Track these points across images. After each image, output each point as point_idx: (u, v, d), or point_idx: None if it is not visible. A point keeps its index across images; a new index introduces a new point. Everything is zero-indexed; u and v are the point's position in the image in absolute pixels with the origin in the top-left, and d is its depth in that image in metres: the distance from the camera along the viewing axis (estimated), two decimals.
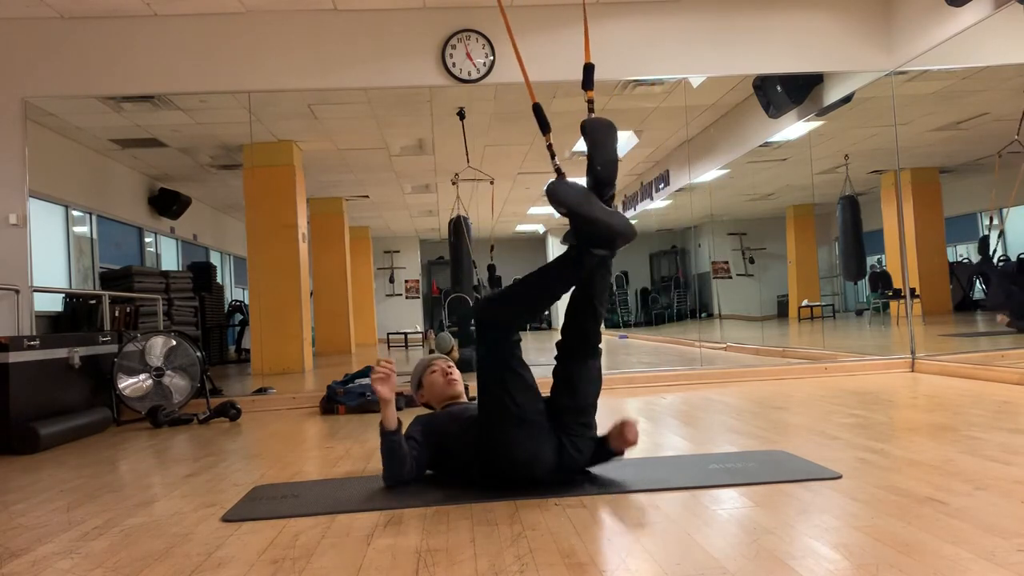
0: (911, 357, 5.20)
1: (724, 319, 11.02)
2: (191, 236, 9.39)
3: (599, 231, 2.21)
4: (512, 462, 2.24)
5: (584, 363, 2.34)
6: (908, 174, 8.03)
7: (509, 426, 2.22)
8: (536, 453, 2.23)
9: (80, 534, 2.06)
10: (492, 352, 2.30)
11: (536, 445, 2.23)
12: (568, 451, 2.26)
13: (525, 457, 2.23)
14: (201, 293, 8.80)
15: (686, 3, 5.26)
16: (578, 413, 2.30)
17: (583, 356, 2.35)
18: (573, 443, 2.27)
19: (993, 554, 1.52)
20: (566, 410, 2.29)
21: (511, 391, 2.23)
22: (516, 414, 2.21)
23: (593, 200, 2.23)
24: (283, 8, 5.02)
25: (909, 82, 5.55)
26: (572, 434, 2.27)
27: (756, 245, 11.27)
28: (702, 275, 12.76)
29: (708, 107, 6.91)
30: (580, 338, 2.35)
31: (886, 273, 8.94)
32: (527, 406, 2.23)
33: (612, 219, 2.22)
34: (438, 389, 2.68)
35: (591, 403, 2.34)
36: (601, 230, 2.21)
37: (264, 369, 6.76)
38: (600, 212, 2.22)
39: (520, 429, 2.21)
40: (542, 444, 2.23)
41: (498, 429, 2.24)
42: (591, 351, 2.36)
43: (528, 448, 2.22)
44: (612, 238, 2.22)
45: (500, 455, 2.24)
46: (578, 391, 2.31)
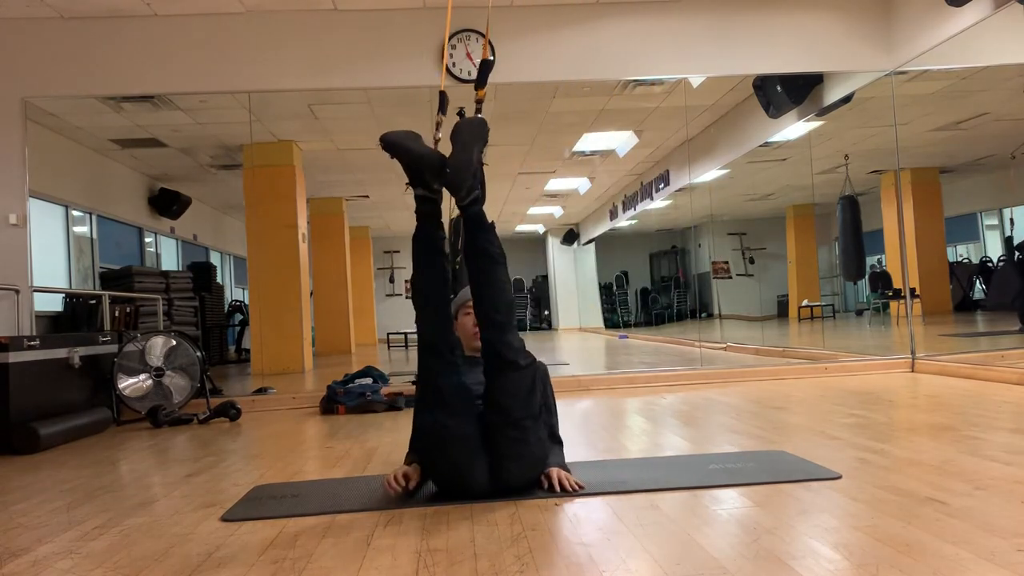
0: (911, 357, 5.20)
1: (724, 319, 11.03)
2: (191, 236, 9.39)
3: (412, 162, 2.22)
4: (440, 472, 2.22)
5: (500, 376, 2.19)
6: (908, 174, 8.04)
7: (437, 442, 2.16)
8: (463, 471, 2.15)
9: (80, 534, 2.06)
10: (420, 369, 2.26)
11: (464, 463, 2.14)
12: (504, 472, 2.15)
13: (450, 473, 2.19)
14: (201, 293, 8.80)
15: (686, 3, 5.26)
16: (508, 428, 2.15)
17: (496, 369, 2.20)
18: (508, 464, 2.15)
19: (993, 554, 1.52)
20: (494, 427, 2.16)
21: (436, 410, 2.16)
22: (441, 434, 2.14)
23: (416, 138, 2.25)
24: (283, 8, 5.02)
25: (909, 82, 5.55)
26: (509, 454, 2.15)
27: (756, 245, 11.28)
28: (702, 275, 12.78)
29: (708, 107, 6.91)
30: (487, 350, 2.23)
31: (886, 273, 8.95)
32: (452, 426, 2.13)
33: (425, 151, 2.23)
34: (466, 334, 2.51)
35: (523, 416, 2.16)
36: (404, 158, 2.21)
37: (264, 369, 6.76)
38: (411, 143, 2.23)
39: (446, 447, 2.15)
40: (474, 464, 2.14)
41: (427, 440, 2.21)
42: (502, 363, 2.19)
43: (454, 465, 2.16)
44: (413, 165, 2.22)
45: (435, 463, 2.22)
46: (504, 407, 2.16)
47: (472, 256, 2.28)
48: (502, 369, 2.20)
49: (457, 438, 2.14)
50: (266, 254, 7.21)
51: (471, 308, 2.48)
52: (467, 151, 2.21)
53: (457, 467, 2.16)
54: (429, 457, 2.24)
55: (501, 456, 2.15)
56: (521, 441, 2.16)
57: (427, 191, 2.28)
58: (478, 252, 2.27)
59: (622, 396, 4.59)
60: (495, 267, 2.26)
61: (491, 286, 2.26)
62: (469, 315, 2.50)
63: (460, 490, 2.18)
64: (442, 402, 2.17)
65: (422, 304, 2.29)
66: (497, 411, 2.16)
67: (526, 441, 2.17)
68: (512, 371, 2.20)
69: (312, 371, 7.29)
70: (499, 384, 2.19)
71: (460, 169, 2.19)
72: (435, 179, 2.26)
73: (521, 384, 2.19)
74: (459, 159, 2.20)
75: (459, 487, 2.18)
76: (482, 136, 2.29)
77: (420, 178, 2.26)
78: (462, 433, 2.14)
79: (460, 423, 2.15)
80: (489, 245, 2.27)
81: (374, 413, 4.42)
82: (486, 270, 2.27)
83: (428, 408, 2.20)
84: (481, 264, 2.27)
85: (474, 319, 2.46)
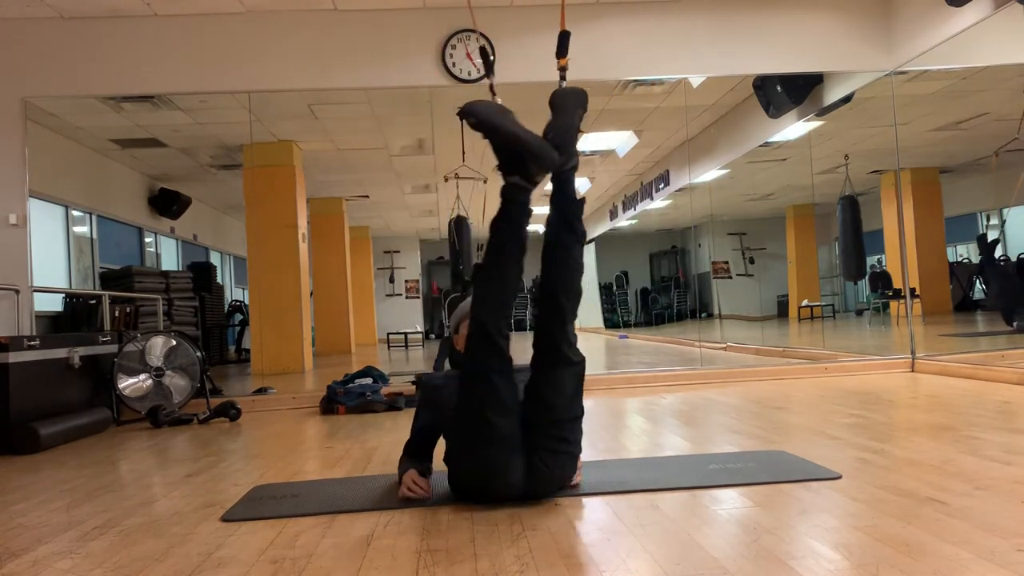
0: (911, 357, 5.20)
1: (724, 319, 11.03)
2: (191, 236, 9.39)
3: (509, 144, 1.99)
4: (474, 473, 2.09)
5: (552, 371, 2.08)
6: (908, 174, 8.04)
7: (477, 442, 2.04)
8: (496, 471, 2.04)
9: (80, 534, 2.06)
10: (472, 363, 2.08)
11: (503, 464, 2.04)
12: (540, 471, 2.06)
13: (485, 475, 2.06)
14: (201, 293, 8.80)
15: (686, 3, 5.26)
16: (551, 427, 2.06)
17: (550, 363, 2.09)
18: (545, 462, 2.06)
19: (993, 554, 1.52)
20: (537, 425, 2.06)
21: (485, 409, 2.02)
22: (487, 434, 2.02)
23: (510, 116, 2.02)
24: (283, 8, 5.02)
25: (909, 82, 5.55)
26: (545, 451, 2.06)
27: (756, 245, 11.27)
28: (702, 275, 12.77)
29: (708, 107, 6.91)
30: (544, 341, 2.10)
31: (886, 273, 8.94)
32: (499, 426, 2.02)
33: (527, 135, 1.98)
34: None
35: (567, 417, 2.09)
36: (511, 143, 1.98)
37: (264, 369, 6.76)
38: (513, 126, 1.99)
39: (488, 448, 2.03)
40: (511, 464, 2.04)
41: (465, 440, 2.09)
42: (558, 357, 2.09)
43: (491, 465, 2.04)
44: (522, 155, 1.98)
45: (463, 466, 2.11)
46: (549, 405, 2.06)
47: (555, 226, 2.12)
48: (555, 364, 2.08)
49: (505, 436, 2.03)
50: (266, 254, 7.21)
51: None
52: (570, 115, 2.10)
53: (495, 469, 2.04)
54: (466, 454, 2.09)
55: (540, 457, 2.05)
56: (562, 440, 2.08)
57: (525, 180, 2.04)
58: (565, 225, 2.11)
59: (622, 396, 4.59)
60: (575, 244, 2.12)
61: (568, 268, 2.11)
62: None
63: (491, 493, 2.08)
64: (494, 396, 2.02)
65: (493, 293, 2.09)
66: (543, 408, 2.06)
67: (567, 440, 2.09)
68: (565, 367, 2.09)
69: (312, 371, 7.29)
70: (550, 380, 2.07)
71: (564, 132, 2.07)
72: (539, 169, 2.03)
73: (571, 381, 2.09)
74: (563, 122, 2.08)
75: (491, 490, 2.08)
76: (583, 103, 2.16)
77: (519, 164, 2.02)
78: (508, 432, 2.03)
79: (509, 423, 2.04)
80: (576, 220, 2.12)
81: (374, 413, 4.42)
82: (568, 247, 2.11)
83: (476, 402, 2.03)
84: (563, 237, 2.11)
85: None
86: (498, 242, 2.09)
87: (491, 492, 2.09)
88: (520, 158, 2.02)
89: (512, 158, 2.03)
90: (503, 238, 2.08)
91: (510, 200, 2.07)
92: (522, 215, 2.08)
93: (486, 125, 2.02)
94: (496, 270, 2.10)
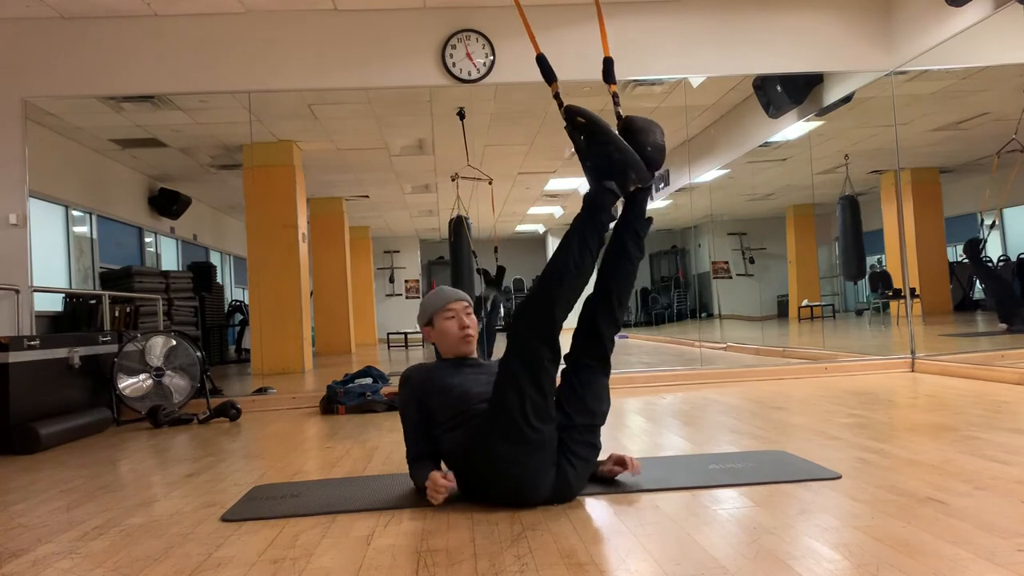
0: (911, 357, 5.20)
1: (724, 319, 11.02)
2: (191, 236, 9.39)
3: (615, 151, 2.03)
4: (504, 481, 2.04)
5: (598, 378, 2.13)
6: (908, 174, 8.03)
7: (517, 447, 2.00)
8: (534, 479, 2.03)
9: (80, 534, 2.06)
10: (523, 364, 2.03)
11: (537, 470, 2.03)
12: (567, 476, 2.06)
13: (519, 481, 2.02)
14: (201, 293, 8.80)
15: (686, 3, 5.26)
16: (586, 431, 2.10)
17: (597, 370, 2.13)
18: (573, 466, 2.07)
19: (993, 554, 1.52)
20: (572, 428, 2.08)
21: (528, 414, 1.99)
22: (531, 438, 2.00)
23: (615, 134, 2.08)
24: (283, 8, 5.02)
25: (909, 82, 5.55)
26: (575, 456, 2.07)
27: (756, 245, 11.26)
28: (702, 275, 12.76)
29: (708, 107, 6.91)
30: (594, 345, 2.13)
31: (886, 273, 8.94)
32: (544, 432, 2.01)
33: (629, 149, 2.05)
34: (450, 340, 2.35)
35: (598, 423, 2.14)
36: (617, 149, 2.03)
37: (264, 369, 6.76)
38: (620, 139, 2.06)
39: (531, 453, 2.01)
40: (543, 472, 2.04)
41: (501, 445, 2.01)
42: (604, 362, 2.15)
43: (528, 472, 2.02)
44: (623, 163, 2.04)
45: (492, 471, 2.04)
46: (592, 411, 2.10)
47: (626, 240, 2.16)
48: (599, 369, 2.14)
49: (546, 444, 2.03)
50: (266, 254, 7.21)
51: (453, 310, 2.34)
52: (659, 136, 2.14)
53: (531, 475, 2.02)
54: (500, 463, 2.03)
55: (569, 462, 2.07)
56: (591, 446, 2.13)
57: (620, 188, 2.07)
58: (634, 239, 2.16)
59: (622, 396, 4.59)
60: (639, 260, 2.18)
61: (629, 278, 2.17)
62: (452, 319, 2.34)
63: (521, 500, 2.05)
64: (542, 404, 2.02)
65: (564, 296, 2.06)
66: (582, 412, 2.10)
67: (594, 447, 2.15)
68: (605, 375, 2.17)
69: (312, 371, 7.29)
70: (593, 384, 2.12)
71: (660, 150, 2.12)
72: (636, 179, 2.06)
73: (607, 387, 2.17)
74: (658, 142, 2.12)
75: (523, 496, 2.04)
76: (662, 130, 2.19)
77: (618, 172, 2.05)
78: (550, 439, 2.04)
79: (551, 429, 2.05)
80: (643, 237, 2.18)
81: (374, 413, 4.42)
82: (633, 259, 2.16)
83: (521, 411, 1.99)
84: (631, 251, 2.16)
85: (460, 323, 2.33)
86: (582, 246, 2.08)
87: (524, 501, 2.05)
88: (621, 166, 2.05)
89: (613, 164, 2.06)
90: (590, 244, 2.08)
91: (600, 207, 2.09)
92: (608, 222, 2.12)
93: (598, 128, 2.06)
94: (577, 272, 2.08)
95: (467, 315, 2.37)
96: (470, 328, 2.35)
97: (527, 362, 2.03)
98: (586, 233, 2.08)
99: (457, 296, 2.39)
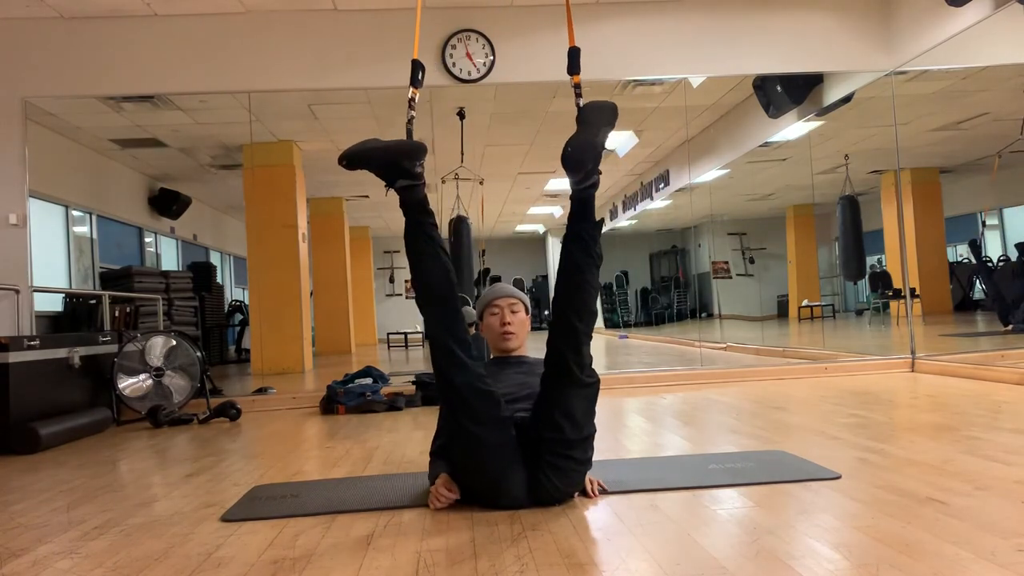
0: (911, 357, 5.20)
1: (724, 319, 11.02)
2: (191, 236, 9.39)
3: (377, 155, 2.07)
4: (472, 484, 2.09)
5: (561, 393, 2.02)
6: (908, 174, 8.04)
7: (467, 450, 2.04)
8: (494, 480, 2.03)
9: (80, 534, 2.06)
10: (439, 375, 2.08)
11: (499, 474, 2.02)
12: (544, 485, 2.02)
13: (484, 483, 2.05)
14: (201, 293, 8.80)
15: (686, 3, 5.26)
16: (558, 445, 2.02)
17: (560, 385, 2.03)
18: (550, 479, 2.02)
19: (993, 554, 1.52)
20: (548, 443, 2.02)
21: (459, 415, 2.03)
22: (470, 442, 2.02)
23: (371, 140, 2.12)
24: (283, 8, 5.02)
25: (909, 82, 5.55)
26: (551, 467, 2.02)
27: (756, 245, 11.27)
28: (702, 275, 12.77)
29: (708, 107, 6.91)
30: (556, 363, 2.05)
31: (886, 273, 8.94)
32: (479, 434, 2.00)
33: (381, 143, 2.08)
34: (492, 335, 2.39)
35: (578, 438, 2.04)
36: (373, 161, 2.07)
37: (264, 369, 6.76)
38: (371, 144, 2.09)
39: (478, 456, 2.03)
40: (510, 477, 2.02)
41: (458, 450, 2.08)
42: (569, 379, 2.02)
43: (487, 475, 2.03)
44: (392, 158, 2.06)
45: (465, 475, 2.10)
46: (557, 425, 2.01)
47: (570, 247, 2.09)
48: (566, 385, 2.02)
49: (489, 447, 2.01)
50: (266, 254, 7.21)
51: (498, 307, 2.38)
52: (592, 132, 2.04)
53: (491, 478, 2.03)
54: (461, 464, 2.11)
55: (545, 473, 2.02)
56: (569, 459, 2.04)
57: (409, 179, 2.10)
58: (578, 244, 2.07)
59: (622, 396, 4.59)
60: (591, 267, 2.07)
61: (580, 289, 2.05)
62: (496, 315, 2.38)
63: (494, 501, 2.05)
64: (465, 406, 2.02)
65: (426, 298, 2.10)
66: (550, 427, 2.02)
67: (574, 459, 2.06)
68: (576, 388, 2.03)
69: (312, 371, 7.29)
70: (559, 400, 2.02)
71: (583, 149, 2.02)
72: (413, 162, 2.09)
73: (581, 403, 2.03)
74: (583, 139, 2.02)
75: (494, 498, 2.05)
76: (610, 120, 2.10)
77: (398, 169, 2.08)
78: (494, 442, 2.01)
79: (489, 431, 2.01)
80: (591, 240, 2.07)
81: (374, 413, 4.42)
82: (581, 267, 2.06)
83: (452, 413, 2.07)
84: (578, 259, 2.06)
85: (501, 319, 2.36)
86: (412, 249, 2.12)
87: (494, 502, 2.06)
88: (393, 162, 2.08)
89: (387, 167, 2.10)
90: (413, 241, 2.12)
91: (410, 205, 2.12)
92: (421, 214, 2.12)
93: (354, 157, 2.09)
94: (421, 273, 2.10)
95: (512, 312, 2.38)
96: (511, 325, 2.36)
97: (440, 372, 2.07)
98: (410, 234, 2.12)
99: (506, 292, 2.41)
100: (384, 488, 2.38)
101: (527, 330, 2.45)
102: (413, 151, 2.10)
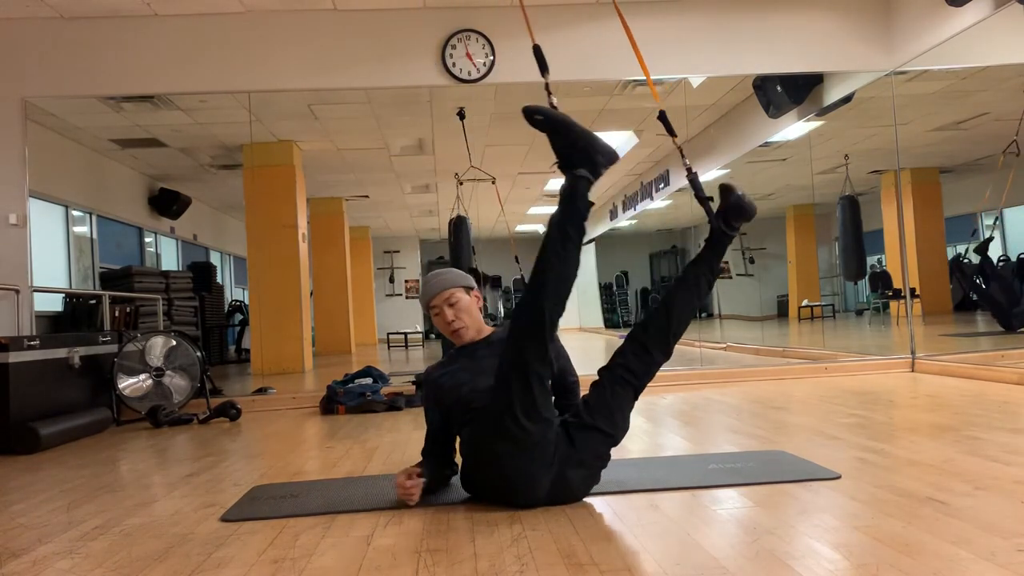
0: (911, 357, 5.20)
1: (724, 319, 11.02)
2: (191, 236, 9.39)
3: (578, 141, 2.08)
4: (499, 479, 2.05)
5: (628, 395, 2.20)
6: (908, 174, 8.03)
7: (510, 444, 2.00)
8: (528, 479, 2.01)
9: (80, 534, 2.06)
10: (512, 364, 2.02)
11: (530, 471, 2.01)
12: (568, 483, 2.06)
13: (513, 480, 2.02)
14: (201, 293, 8.80)
15: (686, 3, 5.26)
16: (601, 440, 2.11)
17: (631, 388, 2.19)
18: (577, 473, 2.06)
19: (993, 554, 1.52)
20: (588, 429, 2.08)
21: (518, 414, 1.98)
22: (519, 437, 1.99)
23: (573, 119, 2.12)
24: (283, 8, 5.02)
25: (909, 82, 5.55)
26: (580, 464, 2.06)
27: (756, 245, 11.26)
28: None
29: (708, 107, 6.91)
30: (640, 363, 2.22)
31: (886, 273, 8.94)
32: (533, 432, 1.99)
33: (592, 134, 2.10)
34: (447, 334, 2.35)
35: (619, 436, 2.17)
36: (579, 140, 2.07)
37: (264, 369, 6.76)
38: (581, 127, 2.10)
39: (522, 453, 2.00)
40: (537, 473, 2.01)
41: (497, 442, 2.01)
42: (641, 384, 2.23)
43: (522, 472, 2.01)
44: (588, 149, 2.07)
45: (490, 467, 2.06)
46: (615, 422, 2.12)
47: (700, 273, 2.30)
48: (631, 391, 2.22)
49: (533, 445, 2.00)
50: (266, 254, 7.21)
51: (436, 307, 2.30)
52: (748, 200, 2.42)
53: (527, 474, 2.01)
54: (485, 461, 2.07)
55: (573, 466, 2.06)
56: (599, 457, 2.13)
57: (591, 174, 2.10)
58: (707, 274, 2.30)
59: None
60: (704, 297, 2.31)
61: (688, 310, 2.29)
62: (438, 316, 2.31)
63: (515, 498, 2.05)
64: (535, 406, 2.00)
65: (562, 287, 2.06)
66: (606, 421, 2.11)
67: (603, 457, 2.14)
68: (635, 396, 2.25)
69: (312, 371, 7.29)
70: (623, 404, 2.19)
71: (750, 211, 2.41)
72: (603, 163, 2.10)
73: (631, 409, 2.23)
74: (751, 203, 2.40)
75: (517, 495, 2.04)
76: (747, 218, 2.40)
77: (588, 159, 2.08)
78: (539, 440, 2.01)
79: (540, 430, 2.01)
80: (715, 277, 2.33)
81: (374, 413, 4.41)
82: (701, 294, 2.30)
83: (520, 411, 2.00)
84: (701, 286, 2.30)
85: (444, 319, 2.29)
86: (563, 235, 2.06)
87: (518, 499, 2.05)
88: (585, 152, 2.09)
89: (577, 152, 2.09)
90: (570, 232, 2.08)
91: (574, 195, 2.09)
92: (585, 210, 2.11)
93: (556, 122, 2.10)
94: (562, 264, 2.06)
95: (450, 305, 2.29)
96: (456, 320, 2.29)
97: (516, 363, 2.01)
98: (565, 224, 2.07)
99: (436, 289, 2.31)
100: (384, 488, 2.37)
101: (478, 308, 2.37)
102: (610, 155, 2.13)
